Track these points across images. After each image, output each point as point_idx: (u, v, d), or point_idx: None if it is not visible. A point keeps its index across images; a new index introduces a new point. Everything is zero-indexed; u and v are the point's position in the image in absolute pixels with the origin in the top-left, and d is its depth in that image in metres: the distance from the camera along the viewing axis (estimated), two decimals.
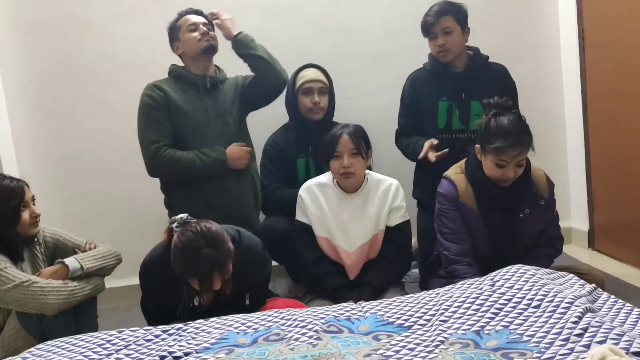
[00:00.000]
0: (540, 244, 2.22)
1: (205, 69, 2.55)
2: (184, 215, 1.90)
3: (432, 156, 2.43)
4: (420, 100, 2.64)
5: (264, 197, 2.65)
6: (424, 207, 2.70)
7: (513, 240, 2.16)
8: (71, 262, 2.02)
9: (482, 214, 2.15)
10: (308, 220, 2.34)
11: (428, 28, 2.53)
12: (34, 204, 2.07)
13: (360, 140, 2.25)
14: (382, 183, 2.36)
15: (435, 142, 2.48)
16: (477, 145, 2.13)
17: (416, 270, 2.75)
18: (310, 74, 2.65)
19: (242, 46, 2.54)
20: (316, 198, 2.34)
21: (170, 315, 1.99)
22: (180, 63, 2.59)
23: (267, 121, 2.81)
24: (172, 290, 1.95)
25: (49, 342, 1.61)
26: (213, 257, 1.78)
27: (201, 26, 2.51)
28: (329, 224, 2.31)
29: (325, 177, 2.38)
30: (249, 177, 2.61)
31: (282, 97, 2.70)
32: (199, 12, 2.57)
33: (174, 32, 2.56)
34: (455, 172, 2.23)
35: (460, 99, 2.59)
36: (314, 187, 2.36)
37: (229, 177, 2.50)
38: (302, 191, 2.37)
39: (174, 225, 1.88)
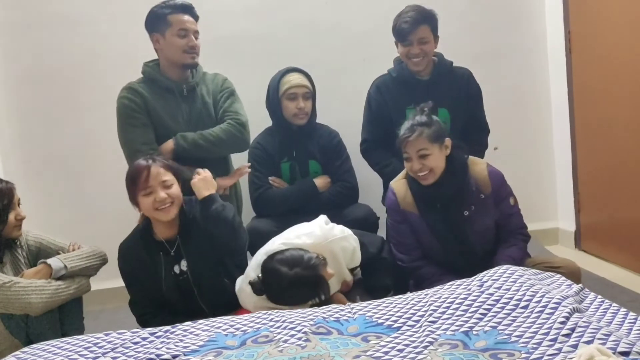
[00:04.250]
0: (505, 239, 2.18)
1: (181, 74, 2.46)
2: None
3: None
4: (387, 106, 2.63)
5: (258, 198, 2.60)
6: None
7: (462, 240, 2.13)
8: (54, 261, 2.00)
9: (424, 217, 2.13)
10: None
11: (405, 35, 2.48)
12: (19, 207, 2.05)
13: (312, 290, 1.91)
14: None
15: None
16: None
17: None
18: (295, 79, 2.61)
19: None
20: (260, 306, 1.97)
21: (157, 293, 2.05)
22: (151, 57, 2.48)
23: (253, 124, 2.72)
24: (152, 263, 2.05)
25: (34, 345, 1.58)
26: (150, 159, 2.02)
27: (192, 37, 2.38)
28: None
29: (253, 272, 2.02)
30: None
31: (264, 100, 2.67)
32: (189, 9, 2.41)
33: (160, 24, 2.38)
34: (397, 179, 2.24)
35: None
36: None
37: None
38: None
39: None
